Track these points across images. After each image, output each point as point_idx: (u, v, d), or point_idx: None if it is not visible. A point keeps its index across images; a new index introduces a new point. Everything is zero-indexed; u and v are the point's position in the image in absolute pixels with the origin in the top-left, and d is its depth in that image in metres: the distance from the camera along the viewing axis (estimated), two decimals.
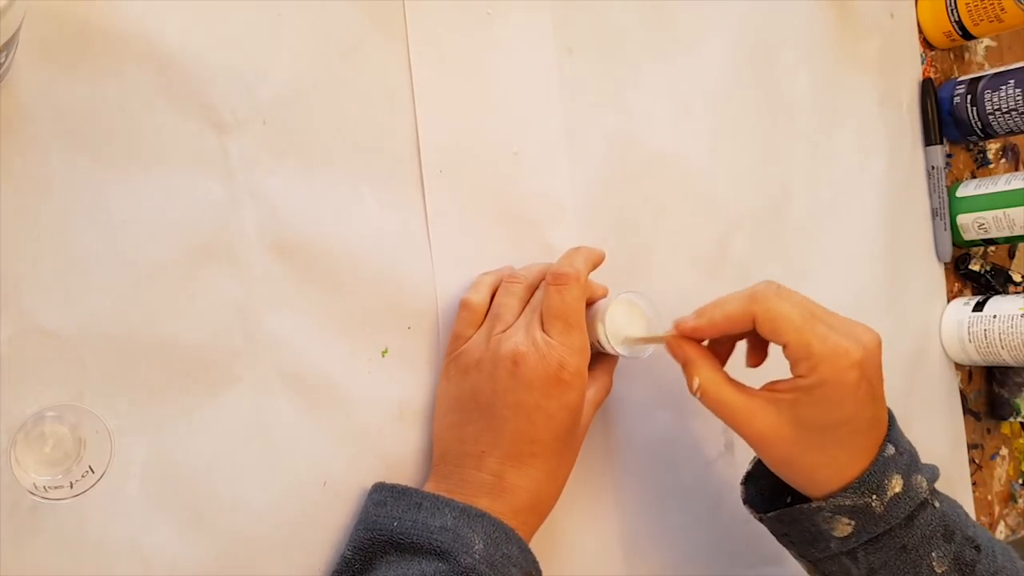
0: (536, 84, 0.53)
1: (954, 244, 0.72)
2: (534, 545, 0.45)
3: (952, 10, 0.69)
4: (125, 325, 0.40)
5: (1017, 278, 0.74)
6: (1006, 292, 0.73)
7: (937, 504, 0.46)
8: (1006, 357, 0.67)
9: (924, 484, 0.46)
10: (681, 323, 0.47)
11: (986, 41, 0.76)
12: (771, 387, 0.46)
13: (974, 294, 0.73)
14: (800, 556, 0.49)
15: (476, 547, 0.41)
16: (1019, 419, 0.74)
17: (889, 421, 0.47)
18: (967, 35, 0.70)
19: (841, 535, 0.45)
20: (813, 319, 0.44)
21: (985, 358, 0.69)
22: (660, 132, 0.57)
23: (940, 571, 0.46)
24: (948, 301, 0.72)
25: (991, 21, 0.68)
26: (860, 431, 0.44)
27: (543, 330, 0.45)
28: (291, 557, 0.43)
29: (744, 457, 0.59)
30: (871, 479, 0.44)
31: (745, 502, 0.51)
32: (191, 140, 0.42)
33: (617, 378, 0.52)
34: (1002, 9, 0.67)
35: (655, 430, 0.56)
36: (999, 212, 0.68)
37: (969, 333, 0.69)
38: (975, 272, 0.73)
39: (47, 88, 0.39)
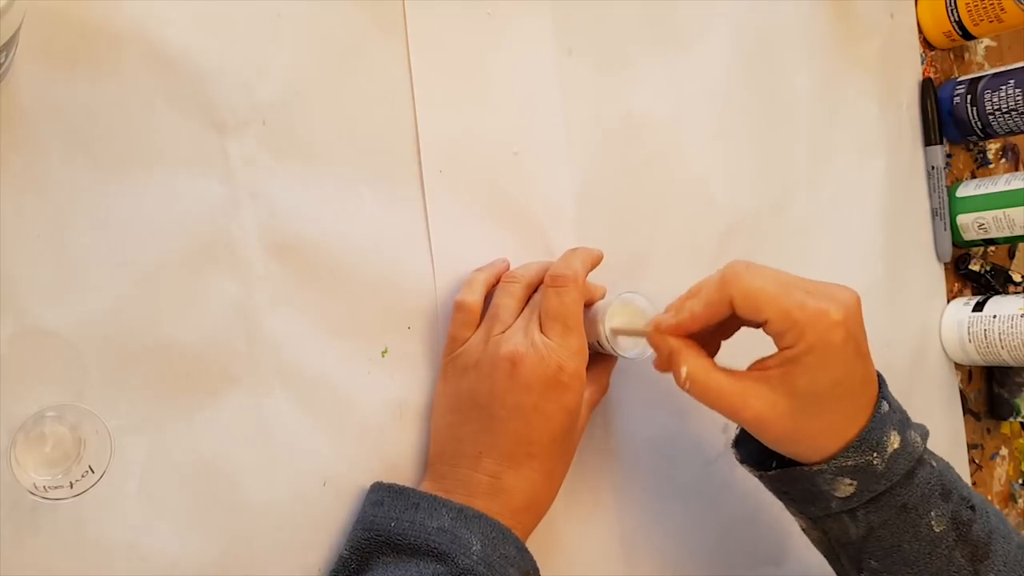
0: (536, 84, 0.53)
1: (954, 244, 0.72)
2: (533, 545, 0.45)
3: (952, 10, 0.69)
4: (125, 325, 0.40)
5: (1017, 278, 0.74)
6: (1006, 292, 0.73)
7: (934, 463, 0.46)
8: (1006, 357, 0.67)
9: (918, 440, 0.46)
10: (661, 322, 0.46)
11: (986, 41, 0.76)
12: (759, 365, 0.45)
13: (974, 294, 0.73)
14: (798, 513, 0.49)
15: (473, 548, 0.41)
16: (1019, 419, 0.74)
17: (879, 380, 0.46)
18: (967, 35, 0.70)
19: (843, 495, 0.45)
20: (789, 288, 0.43)
21: (985, 358, 0.69)
22: (660, 132, 0.57)
23: (938, 530, 0.46)
24: (948, 301, 0.72)
25: (991, 21, 0.68)
26: (854, 390, 0.44)
27: (542, 332, 0.45)
28: (291, 557, 0.43)
29: None
30: (871, 436, 0.44)
31: (741, 462, 0.50)
32: (191, 140, 0.42)
33: (617, 378, 0.52)
34: (1002, 9, 0.67)
35: (655, 430, 0.56)
36: (999, 212, 0.68)
37: (969, 333, 0.69)
38: (975, 272, 0.73)
39: (47, 88, 0.39)
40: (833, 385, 0.43)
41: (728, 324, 0.48)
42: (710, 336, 0.48)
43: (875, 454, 0.44)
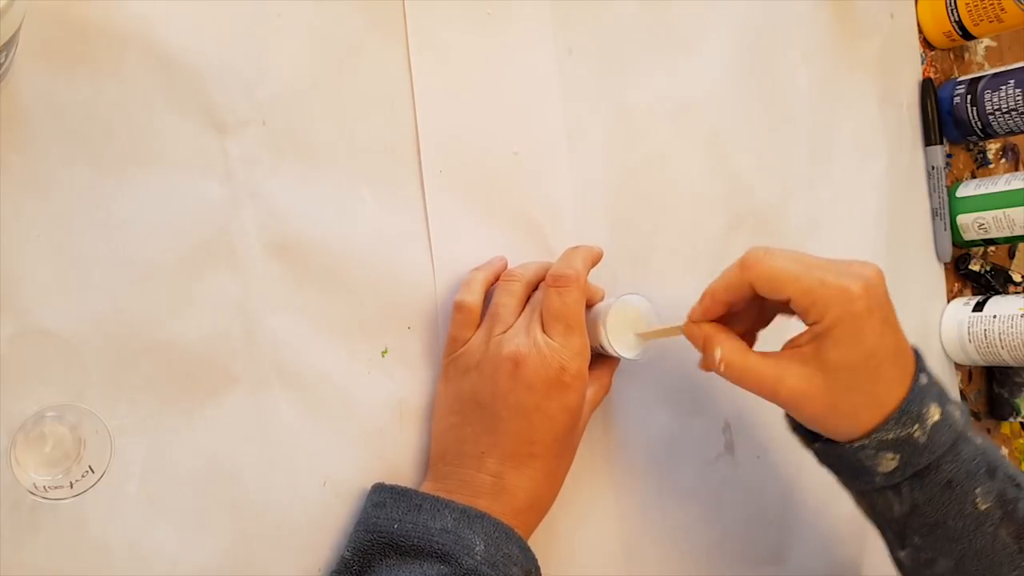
0: (536, 84, 0.53)
1: (954, 244, 0.72)
2: (534, 544, 0.45)
3: (952, 10, 0.69)
4: (125, 325, 0.40)
5: (1017, 278, 0.74)
6: (1006, 292, 0.73)
7: (979, 441, 0.46)
8: (1006, 357, 0.67)
9: (956, 414, 0.46)
10: (691, 313, 0.47)
11: (986, 41, 0.76)
12: (790, 344, 0.46)
13: (974, 294, 0.73)
14: (846, 485, 0.49)
15: (477, 548, 0.41)
16: (1019, 419, 0.74)
17: (916, 355, 0.47)
18: (967, 35, 0.70)
19: (886, 470, 0.45)
20: (809, 267, 0.44)
21: (985, 358, 0.69)
22: (660, 132, 0.57)
23: (983, 508, 0.45)
24: (948, 301, 0.72)
25: (991, 21, 0.68)
26: (888, 360, 0.44)
27: (544, 332, 0.45)
28: (291, 557, 0.43)
29: (744, 457, 0.59)
30: (911, 408, 0.44)
31: (793, 430, 0.50)
32: (191, 140, 0.42)
33: (617, 378, 0.52)
34: (1002, 9, 0.67)
35: (655, 430, 0.56)
36: (999, 212, 0.68)
37: (969, 333, 0.69)
38: (975, 272, 0.73)
39: (47, 88, 0.39)
40: (866, 357, 0.44)
41: (763, 312, 0.49)
42: (746, 328, 0.49)
43: (916, 426, 0.44)
